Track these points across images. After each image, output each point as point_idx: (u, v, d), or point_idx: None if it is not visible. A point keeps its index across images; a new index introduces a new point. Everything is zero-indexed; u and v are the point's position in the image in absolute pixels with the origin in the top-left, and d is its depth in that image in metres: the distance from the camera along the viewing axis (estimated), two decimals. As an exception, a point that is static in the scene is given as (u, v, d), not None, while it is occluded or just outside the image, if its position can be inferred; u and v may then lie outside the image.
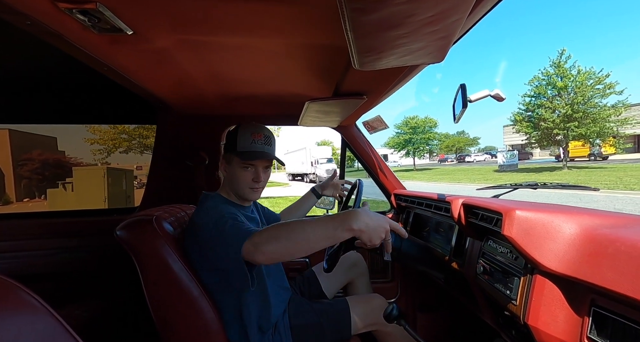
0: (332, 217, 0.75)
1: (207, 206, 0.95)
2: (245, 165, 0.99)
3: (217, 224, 0.84)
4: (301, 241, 0.73)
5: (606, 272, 0.51)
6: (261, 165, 1.02)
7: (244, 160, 0.98)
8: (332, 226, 0.73)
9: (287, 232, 0.74)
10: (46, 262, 1.47)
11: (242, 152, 0.98)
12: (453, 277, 1.16)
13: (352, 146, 1.72)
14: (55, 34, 0.70)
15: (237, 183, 1.01)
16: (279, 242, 0.74)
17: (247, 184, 1.00)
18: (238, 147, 0.99)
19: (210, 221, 0.86)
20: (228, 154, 1.03)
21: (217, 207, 0.92)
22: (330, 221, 0.74)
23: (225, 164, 1.04)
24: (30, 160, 8.31)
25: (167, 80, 1.10)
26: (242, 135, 1.00)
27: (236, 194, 1.04)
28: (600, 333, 0.52)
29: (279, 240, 0.74)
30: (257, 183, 1.01)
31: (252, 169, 1.00)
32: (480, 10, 0.63)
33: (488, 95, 0.93)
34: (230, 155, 1.01)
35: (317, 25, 0.71)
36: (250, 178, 1.00)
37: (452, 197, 1.06)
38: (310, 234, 0.73)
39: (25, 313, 0.35)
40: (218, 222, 0.84)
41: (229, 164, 1.02)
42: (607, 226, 0.61)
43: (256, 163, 1.00)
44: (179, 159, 1.55)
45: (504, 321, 0.86)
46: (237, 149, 0.98)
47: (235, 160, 1.00)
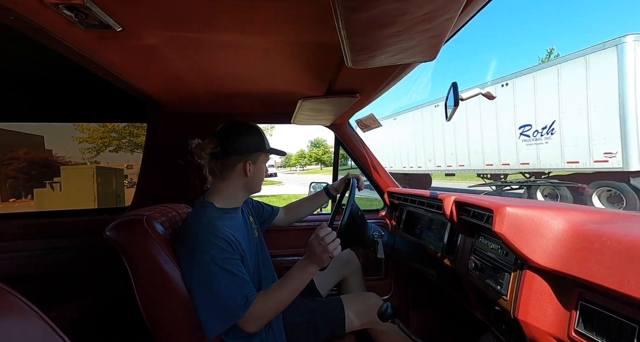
0: (297, 274, 0.94)
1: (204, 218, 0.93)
2: (267, 160, 1.12)
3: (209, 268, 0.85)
4: (284, 302, 0.93)
5: (593, 266, 0.52)
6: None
7: (276, 155, 1.13)
8: (299, 284, 0.93)
9: (275, 304, 0.91)
10: (34, 263, 1.44)
11: (273, 150, 1.10)
12: (445, 274, 1.18)
13: (345, 144, 1.73)
14: (41, 29, 0.68)
15: (259, 179, 1.09)
16: (268, 315, 0.91)
17: (264, 177, 1.13)
18: (267, 147, 1.08)
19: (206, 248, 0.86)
20: (255, 154, 1.05)
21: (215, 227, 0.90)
22: (296, 280, 0.93)
23: (251, 165, 1.03)
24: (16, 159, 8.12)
25: (158, 78, 1.08)
26: (264, 135, 1.10)
27: (251, 191, 1.09)
28: (587, 326, 0.54)
29: (269, 313, 0.91)
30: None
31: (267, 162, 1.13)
32: (472, 9, 0.63)
33: (479, 93, 0.94)
34: (258, 154, 1.06)
35: (310, 22, 0.71)
36: (266, 171, 1.14)
37: (444, 195, 1.08)
38: (291, 293, 0.93)
39: (13, 316, 0.34)
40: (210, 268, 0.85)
41: (254, 164, 1.05)
42: (594, 221, 0.63)
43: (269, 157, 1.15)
44: (170, 158, 1.53)
45: (494, 316, 0.87)
46: (267, 149, 1.08)
47: (261, 159, 1.08)
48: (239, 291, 0.86)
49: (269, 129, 11.89)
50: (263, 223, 1.31)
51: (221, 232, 0.89)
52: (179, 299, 0.86)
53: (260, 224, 1.28)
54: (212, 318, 0.84)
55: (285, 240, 1.65)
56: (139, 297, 0.85)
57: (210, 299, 0.84)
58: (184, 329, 0.87)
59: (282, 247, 1.64)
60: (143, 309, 0.86)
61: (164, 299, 0.86)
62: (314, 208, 1.47)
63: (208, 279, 0.84)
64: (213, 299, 0.84)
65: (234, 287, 0.85)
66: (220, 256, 0.86)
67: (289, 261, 1.64)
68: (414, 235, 1.41)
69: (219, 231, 0.89)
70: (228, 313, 0.84)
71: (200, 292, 0.85)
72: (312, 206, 1.46)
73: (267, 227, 1.34)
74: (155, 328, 0.86)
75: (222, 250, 0.87)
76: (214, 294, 0.84)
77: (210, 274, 0.84)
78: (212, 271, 0.84)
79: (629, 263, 0.48)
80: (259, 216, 1.30)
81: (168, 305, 0.87)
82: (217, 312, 0.84)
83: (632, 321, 0.47)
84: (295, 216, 1.44)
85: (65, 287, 1.46)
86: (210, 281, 0.84)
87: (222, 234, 0.89)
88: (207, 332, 0.84)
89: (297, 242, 1.65)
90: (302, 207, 1.45)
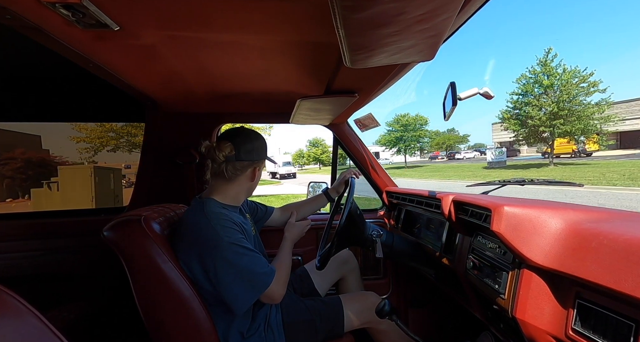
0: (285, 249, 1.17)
1: (209, 211, 0.95)
2: (264, 166, 1.18)
3: (236, 250, 0.90)
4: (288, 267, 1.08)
5: (590, 265, 0.53)
6: None
7: (273, 162, 1.24)
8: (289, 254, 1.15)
9: (286, 270, 1.06)
10: (31, 263, 1.43)
11: (270, 158, 1.15)
12: (444, 273, 1.18)
13: (344, 144, 1.73)
14: (38, 28, 0.67)
15: (257, 184, 1.13)
16: (286, 280, 1.04)
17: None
18: (267, 154, 1.13)
19: (222, 235, 0.90)
20: (260, 161, 1.09)
21: (222, 214, 0.96)
22: (288, 253, 1.15)
23: (258, 171, 1.10)
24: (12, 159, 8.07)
25: (155, 77, 1.07)
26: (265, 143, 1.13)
27: (249, 193, 1.12)
28: (584, 324, 0.54)
29: (286, 277, 1.04)
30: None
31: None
32: (470, 9, 0.63)
33: (477, 93, 0.94)
34: (261, 161, 1.10)
35: (308, 22, 0.71)
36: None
37: (443, 194, 1.08)
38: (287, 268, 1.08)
39: (10, 317, 0.34)
40: (232, 248, 0.90)
41: (259, 170, 1.11)
42: (591, 220, 0.63)
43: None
44: (168, 158, 1.53)
45: (492, 315, 0.88)
46: (267, 156, 1.13)
47: (262, 165, 1.12)
48: (263, 263, 0.94)
49: (268, 129, 11.88)
50: (257, 222, 1.32)
51: (230, 218, 0.94)
52: (177, 299, 0.86)
53: (255, 223, 1.28)
54: (243, 292, 0.90)
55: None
56: (137, 298, 0.85)
57: (239, 276, 0.89)
58: (182, 329, 0.87)
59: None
60: (141, 309, 0.86)
61: (162, 299, 0.86)
62: (311, 210, 1.47)
63: (232, 259, 0.89)
64: (242, 275, 0.90)
65: (258, 261, 0.93)
66: (236, 237, 0.91)
67: (288, 261, 1.64)
68: (413, 234, 1.41)
69: (227, 217, 0.94)
70: (258, 283, 0.92)
71: (227, 273, 0.89)
72: (310, 208, 1.46)
73: (262, 227, 1.35)
74: (153, 328, 0.86)
75: (235, 232, 0.93)
76: (242, 270, 0.90)
77: (233, 254, 0.89)
78: (234, 251, 0.89)
79: (626, 262, 0.48)
80: (254, 214, 1.30)
81: (166, 305, 0.87)
82: (249, 285, 0.90)
83: (628, 319, 0.47)
84: (300, 214, 1.44)
85: (62, 288, 1.46)
86: (235, 261, 0.89)
87: (230, 220, 0.94)
88: (238, 307, 0.90)
89: (296, 242, 1.65)
90: (300, 208, 1.45)
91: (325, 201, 1.46)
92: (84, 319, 1.31)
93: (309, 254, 1.67)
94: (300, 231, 1.28)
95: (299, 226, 1.29)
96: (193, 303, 0.88)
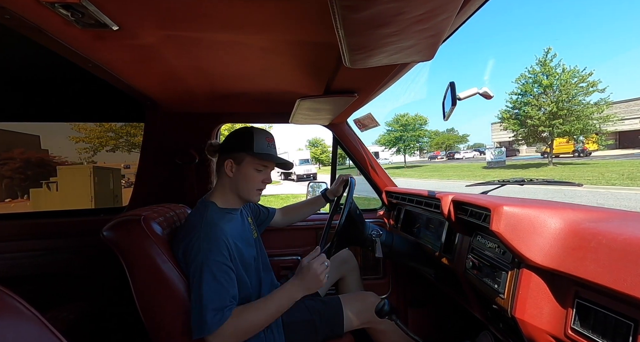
0: (281, 294, 0.93)
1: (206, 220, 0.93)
2: (260, 167, 1.02)
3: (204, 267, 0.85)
4: (261, 323, 0.90)
5: (589, 265, 0.53)
6: (271, 168, 1.06)
7: (264, 160, 1.02)
8: (281, 305, 0.93)
9: (250, 324, 0.88)
10: (30, 264, 1.43)
11: (261, 154, 1.00)
12: (443, 273, 1.18)
13: (343, 144, 1.73)
14: (37, 28, 0.67)
15: (245, 184, 1.02)
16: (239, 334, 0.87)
17: (256, 185, 1.03)
18: (255, 149, 1.00)
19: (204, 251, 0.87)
20: (238, 154, 1.01)
21: (217, 226, 0.92)
22: (279, 301, 0.92)
23: (232, 164, 1.01)
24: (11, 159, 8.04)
25: (155, 77, 1.07)
26: (259, 138, 1.02)
27: (240, 196, 1.03)
28: (584, 324, 0.54)
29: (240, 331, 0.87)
30: (265, 185, 1.05)
31: (264, 171, 1.04)
32: (469, 9, 0.63)
33: (477, 93, 0.94)
34: (242, 154, 1.00)
35: (307, 22, 0.71)
36: (261, 180, 1.03)
37: (442, 194, 1.08)
38: (269, 315, 0.91)
39: (9, 317, 0.34)
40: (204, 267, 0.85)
41: (238, 164, 1.01)
42: (590, 220, 0.63)
43: (270, 165, 1.05)
44: (168, 158, 1.53)
45: (492, 315, 0.88)
46: (254, 151, 1.00)
47: (248, 161, 1.01)
48: (217, 300, 0.84)
49: (267, 129, 11.87)
50: (260, 225, 1.32)
51: (221, 234, 0.90)
52: (176, 300, 0.86)
53: (258, 226, 1.28)
54: (194, 321, 0.83)
55: (283, 240, 1.65)
56: (136, 298, 0.85)
57: (197, 301, 0.84)
58: (181, 329, 0.87)
59: (280, 247, 1.64)
60: (141, 309, 0.85)
61: (161, 300, 0.86)
62: (311, 211, 1.47)
63: (197, 279, 0.85)
64: (198, 302, 0.83)
65: (213, 294, 0.84)
66: (213, 258, 0.86)
67: (287, 261, 1.64)
68: (412, 234, 1.42)
69: (220, 232, 0.90)
70: (202, 323, 0.82)
71: (192, 290, 0.86)
72: (309, 209, 1.47)
73: (264, 229, 1.35)
74: (153, 328, 0.86)
75: (218, 253, 0.87)
76: (199, 297, 0.84)
77: (199, 275, 0.85)
78: (201, 271, 0.85)
79: (625, 261, 0.48)
80: (256, 217, 1.30)
81: (166, 305, 0.86)
82: (198, 317, 0.83)
83: (627, 318, 0.47)
84: (292, 219, 1.45)
85: (62, 288, 1.46)
86: (198, 283, 0.84)
87: (222, 236, 0.90)
88: (193, 332, 0.83)
89: (295, 242, 1.65)
90: (301, 210, 1.46)
91: (323, 202, 1.46)
92: (83, 319, 1.31)
93: (308, 253, 1.67)
94: (317, 281, 0.93)
95: (315, 273, 0.92)
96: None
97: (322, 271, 0.93)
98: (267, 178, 1.05)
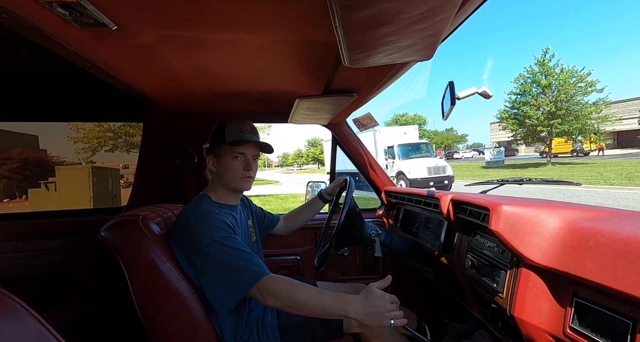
0: (337, 297, 0.82)
1: (200, 208, 0.95)
2: (236, 154, 1.02)
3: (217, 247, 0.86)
4: (303, 304, 0.82)
5: (587, 264, 0.53)
6: (250, 154, 1.05)
7: (235, 145, 1.01)
8: (331, 306, 0.80)
9: (301, 293, 0.82)
10: (29, 264, 1.43)
11: (232, 142, 1.01)
12: (442, 272, 1.18)
13: (342, 144, 1.73)
14: (35, 28, 0.67)
15: (228, 175, 1.03)
16: (289, 299, 0.82)
17: (240, 173, 1.03)
18: (227, 138, 1.01)
19: (205, 232, 0.87)
20: (216, 148, 1.04)
21: (212, 212, 0.93)
22: (333, 300, 0.81)
23: (214, 159, 1.04)
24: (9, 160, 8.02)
25: (153, 77, 1.07)
26: (230, 127, 1.03)
27: (228, 187, 1.05)
28: (582, 323, 0.54)
29: (291, 298, 0.82)
30: (249, 171, 1.04)
31: (242, 158, 1.03)
32: (468, 8, 0.64)
33: (475, 92, 0.95)
34: (219, 148, 1.03)
35: (307, 21, 0.71)
36: (242, 167, 1.03)
37: (441, 194, 1.08)
38: (314, 302, 0.81)
39: (7, 317, 0.34)
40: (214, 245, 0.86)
41: (218, 158, 1.04)
42: (589, 219, 0.63)
43: (246, 151, 1.04)
44: (167, 158, 1.52)
45: (491, 314, 0.88)
46: (226, 140, 1.01)
47: (225, 151, 1.02)
48: (248, 264, 0.86)
49: (266, 128, 11.86)
50: (263, 230, 1.32)
51: (219, 216, 0.92)
52: (176, 300, 0.86)
53: (261, 230, 1.28)
54: (222, 296, 0.86)
55: (283, 239, 1.65)
56: (135, 298, 0.85)
57: (219, 277, 0.86)
58: (181, 330, 0.86)
59: (279, 247, 1.64)
60: (139, 309, 0.85)
61: (160, 300, 0.86)
62: (311, 215, 1.48)
63: (213, 259, 0.86)
64: (222, 276, 0.85)
65: (242, 261, 0.86)
66: (220, 235, 0.88)
67: (286, 261, 1.64)
68: (411, 234, 1.42)
69: (217, 215, 0.92)
70: (237, 286, 0.84)
71: (208, 272, 0.87)
72: (308, 213, 1.47)
73: (266, 235, 1.36)
74: (151, 329, 0.86)
75: (220, 230, 0.89)
76: (222, 271, 0.85)
77: (215, 252, 0.86)
78: (217, 248, 0.86)
79: (623, 260, 0.48)
80: (260, 222, 1.31)
81: (165, 305, 0.86)
82: (227, 287, 0.85)
83: (625, 317, 0.47)
84: (294, 225, 1.45)
85: (60, 288, 1.45)
86: (216, 260, 0.86)
87: (220, 218, 0.92)
88: (219, 309, 0.87)
89: (295, 242, 1.65)
90: (300, 215, 1.46)
91: (321, 204, 1.46)
92: (82, 319, 1.31)
93: (308, 254, 1.67)
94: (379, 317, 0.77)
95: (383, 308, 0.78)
96: (191, 303, 0.88)
97: (389, 310, 0.78)
98: (247, 164, 1.04)
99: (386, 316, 0.77)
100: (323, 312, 0.81)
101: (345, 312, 0.79)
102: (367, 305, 0.78)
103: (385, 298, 0.80)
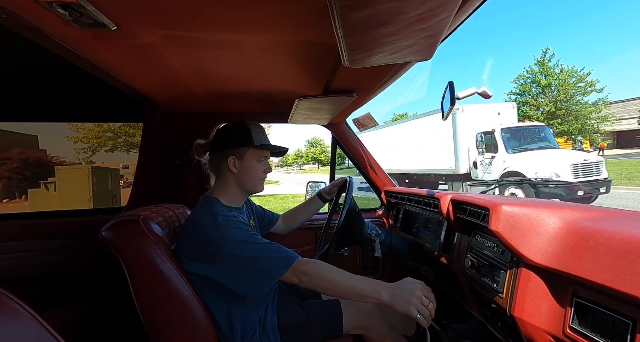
0: (370, 280, 0.87)
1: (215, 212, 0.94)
2: (262, 158, 1.07)
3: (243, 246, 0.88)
4: (337, 284, 0.87)
5: (587, 263, 0.53)
6: (269, 157, 1.12)
7: (264, 149, 1.06)
8: (364, 287, 0.85)
9: (335, 274, 0.88)
10: (28, 264, 1.43)
11: (261, 145, 1.05)
12: (442, 272, 1.18)
13: (342, 144, 1.73)
14: (34, 28, 0.67)
15: (251, 176, 1.05)
16: (324, 279, 0.87)
17: (260, 175, 1.08)
18: (256, 141, 1.03)
19: (227, 235, 0.88)
20: (239, 149, 1.03)
21: (230, 217, 0.94)
22: (366, 282, 0.86)
23: (235, 160, 1.03)
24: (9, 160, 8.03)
25: (153, 77, 1.07)
26: (255, 130, 1.05)
27: (245, 189, 1.06)
28: (582, 323, 0.54)
29: (326, 278, 0.87)
30: (266, 174, 1.09)
31: (265, 161, 1.09)
32: (468, 8, 0.64)
33: (475, 92, 0.95)
34: (244, 149, 1.03)
35: (306, 21, 0.71)
36: (263, 170, 1.08)
37: (441, 194, 1.08)
38: (347, 283, 0.87)
39: (7, 318, 0.34)
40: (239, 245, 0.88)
41: (240, 159, 1.04)
42: (588, 219, 0.63)
43: (268, 155, 1.10)
44: (166, 158, 1.52)
45: (490, 314, 0.88)
46: (254, 143, 1.03)
47: (250, 154, 1.04)
48: (277, 252, 0.89)
49: (266, 128, 11.87)
50: (263, 228, 1.32)
51: (235, 218, 0.94)
52: (176, 300, 0.86)
53: (261, 229, 1.29)
54: (256, 283, 0.88)
55: (283, 239, 1.64)
56: (135, 299, 0.85)
57: (251, 269, 0.87)
58: (181, 330, 0.87)
59: None
60: (140, 309, 0.85)
61: (161, 300, 0.86)
62: (310, 214, 1.47)
63: (241, 257, 0.87)
64: (255, 267, 0.87)
65: (270, 251, 0.89)
66: (242, 234, 0.90)
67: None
68: (411, 234, 1.42)
69: (234, 218, 0.94)
70: (271, 273, 0.87)
71: (236, 270, 0.88)
72: (307, 212, 1.47)
73: (265, 233, 1.36)
74: (152, 329, 0.86)
75: (240, 230, 0.91)
76: (253, 264, 0.87)
77: (242, 252, 0.87)
78: (243, 248, 0.87)
79: (622, 260, 0.48)
80: (261, 220, 1.31)
81: (165, 306, 0.86)
82: (260, 276, 0.87)
83: (625, 317, 0.48)
84: (293, 224, 1.45)
85: (60, 289, 1.45)
86: (245, 257, 0.87)
87: (237, 219, 0.94)
88: (252, 296, 0.92)
89: (295, 242, 1.65)
90: (299, 214, 1.46)
91: (320, 204, 1.46)
92: (82, 320, 1.31)
93: (307, 255, 1.67)
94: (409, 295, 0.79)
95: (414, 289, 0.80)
96: (192, 303, 0.88)
97: (418, 297, 0.78)
98: (268, 167, 1.10)
99: (414, 302, 0.78)
100: (355, 293, 0.85)
101: (377, 294, 0.82)
102: (397, 287, 0.82)
103: (416, 285, 0.82)
